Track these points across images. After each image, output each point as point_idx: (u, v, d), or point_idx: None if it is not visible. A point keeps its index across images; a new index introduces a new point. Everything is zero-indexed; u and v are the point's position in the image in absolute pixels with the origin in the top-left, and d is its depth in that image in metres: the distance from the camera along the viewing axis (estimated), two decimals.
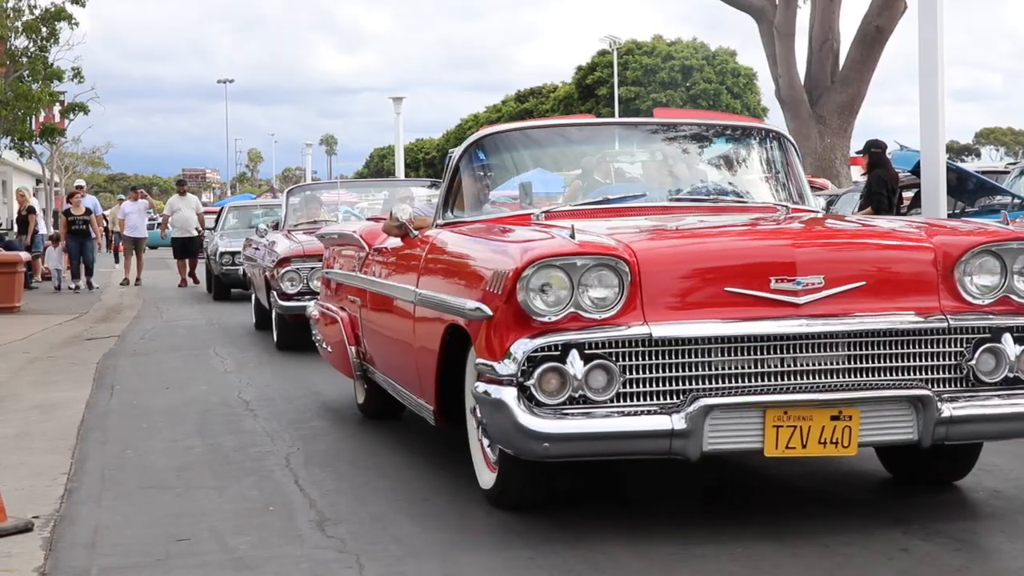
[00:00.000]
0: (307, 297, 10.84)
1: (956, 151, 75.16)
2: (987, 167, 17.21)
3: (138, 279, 23.10)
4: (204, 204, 33.11)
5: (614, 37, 54.61)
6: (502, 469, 4.98)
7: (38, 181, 40.10)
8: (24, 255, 20.18)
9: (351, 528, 5.02)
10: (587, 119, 7.48)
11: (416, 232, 6.17)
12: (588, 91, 58.22)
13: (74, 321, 15.76)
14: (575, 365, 4.46)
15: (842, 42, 20.05)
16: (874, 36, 19.70)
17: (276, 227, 13.34)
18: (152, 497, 5.74)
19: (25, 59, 18.65)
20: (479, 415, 4.93)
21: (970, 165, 21.96)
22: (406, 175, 49.36)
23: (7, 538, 4.96)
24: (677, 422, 4.45)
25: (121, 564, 4.64)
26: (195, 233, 22.63)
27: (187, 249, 22.86)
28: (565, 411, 4.47)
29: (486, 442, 5.15)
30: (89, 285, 21.84)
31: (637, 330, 4.51)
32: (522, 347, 4.49)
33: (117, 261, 28.41)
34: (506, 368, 4.50)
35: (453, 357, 5.26)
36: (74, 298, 19.99)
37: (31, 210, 23.86)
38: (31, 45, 18.82)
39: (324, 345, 7.87)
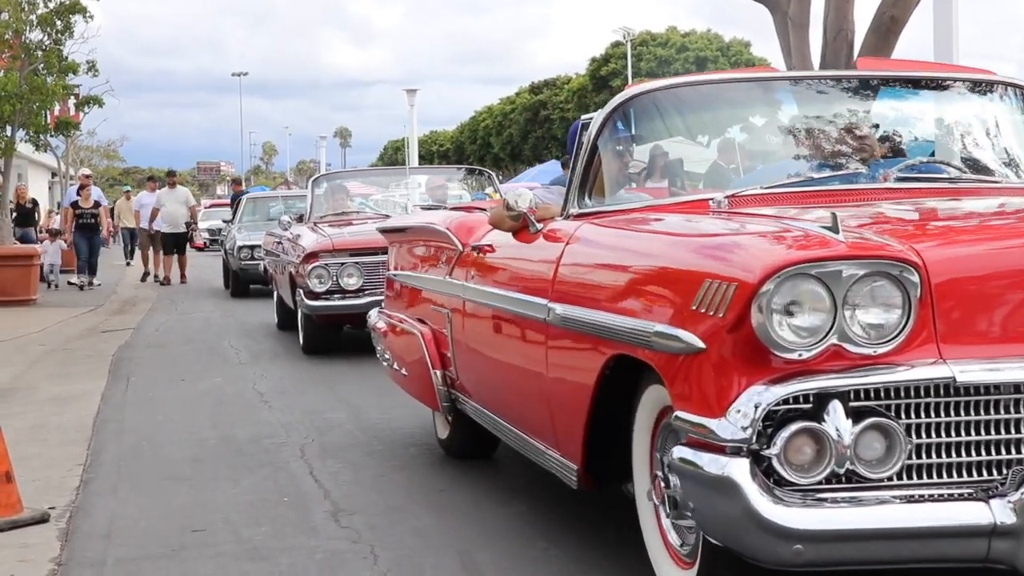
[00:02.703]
0: (336, 296, 10.14)
1: None
2: None
3: (156, 275, 21.76)
4: (218, 197, 33.02)
5: (628, 28, 54.54)
6: (706, 568, 3.50)
7: (53, 174, 40.25)
8: (60, 244, 20.28)
9: (366, 519, 5.02)
10: (774, 72, 6.06)
11: (539, 226, 4.67)
12: (602, 82, 58.14)
13: (90, 314, 15.80)
14: (839, 425, 3.07)
15: (857, 32, 19.96)
16: (888, 26, 19.62)
17: (300, 219, 12.37)
18: (167, 488, 5.75)
19: (40, 52, 18.67)
20: (673, 489, 3.42)
21: None
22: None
23: (24, 529, 4.98)
24: (1000, 512, 3.04)
25: (136, 555, 4.65)
26: (184, 228, 21.20)
27: (176, 245, 21.26)
28: (824, 496, 3.08)
29: (677, 525, 3.67)
30: (90, 284, 20.31)
31: (931, 371, 3.11)
32: (758, 398, 3.08)
33: (130, 257, 27.17)
34: (732, 428, 3.09)
35: (610, 396, 3.88)
36: (89, 291, 19.69)
37: (35, 202, 23.86)
38: (46, 38, 18.84)
39: (394, 365, 6.34)
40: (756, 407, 3.07)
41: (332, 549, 4.61)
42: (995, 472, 3.13)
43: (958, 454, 3.14)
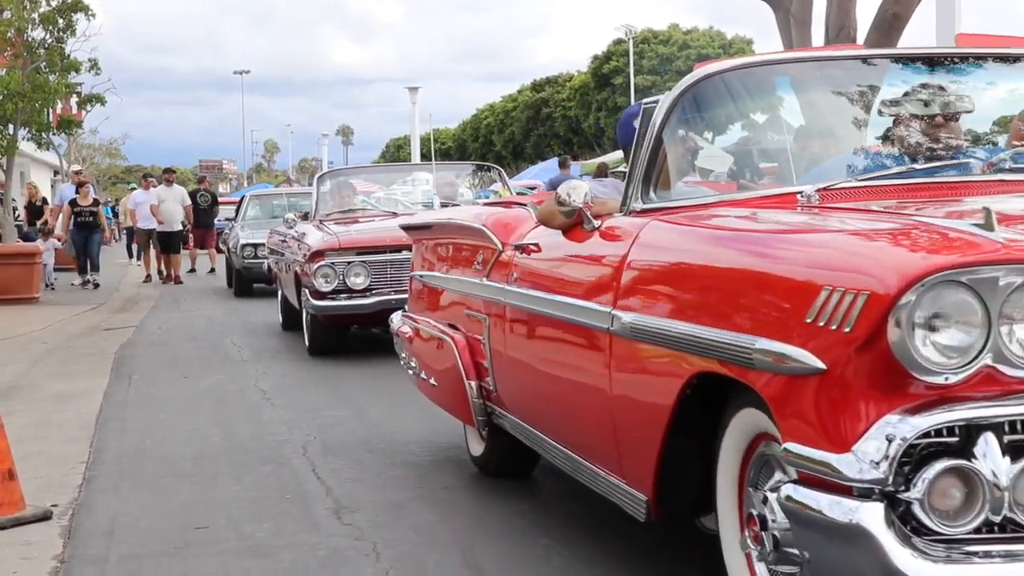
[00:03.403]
0: (343, 296, 9.84)
1: None
2: None
3: (163, 273, 21.30)
4: (220, 195, 32.92)
5: (630, 26, 54.53)
6: None
7: (55, 173, 40.22)
8: (53, 243, 20.22)
9: (368, 516, 5.02)
10: (863, 50, 5.56)
11: (596, 223, 4.11)
12: (604, 80, 58.17)
13: (92, 312, 15.81)
14: (994, 463, 2.58)
15: (859, 29, 19.94)
16: (891, 23, 19.59)
17: (305, 217, 12.06)
18: (169, 486, 5.75)
19: (42, 51, 18.66)
20: (775, 532, 2.93)
21: None
22: None
23: (26, 526, 4.98)
24: None
25: (139, 552, 4.66)
26: (179, 227, 20.93)
27: (169, 244, 20.92)
28: (974, 549, 2.60)
29: (778, 573, 3.06)
30: (95, 284, 19.95)
31: None
32: (894, 429, 2.59)
33: (136, 256, 26.36)
34: (862, 466, 2.61)
35: (689, 418, 3.37)
36: (90, 290, 19.53)
37: (45, 201, 23.85)
38: (48, 36, 18.83)
39: (422, 374, 5.82)
40: (892, 441, 2.57)
41: (334, 546, 4.61)
42: None
43: None
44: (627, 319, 3.57)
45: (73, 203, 20.07)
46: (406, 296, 9.59)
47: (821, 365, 2.72)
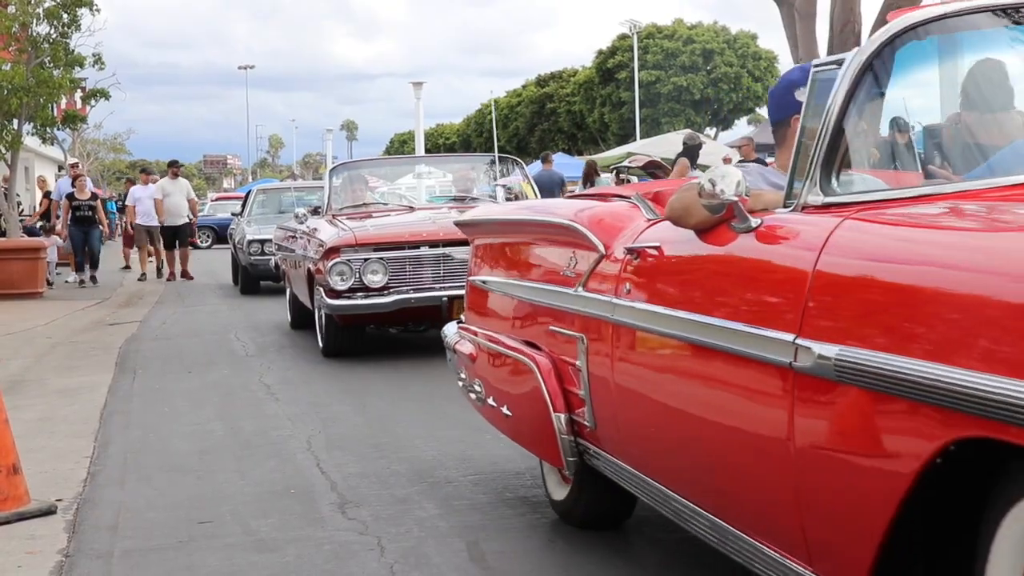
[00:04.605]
0: (359, 294, 9.37)
1: None
2: None
3: (166, 272, 20.64)
4: (225, 190, 32.82)
5: (634, 21, 54.46)
6: None
7: (60, 167, 40.25)
8: (55, 239, 20.15)
9: (373, 511, 5.02)
10: None
11: (755, 221, 3.10)
12: (608, 75, 58.13)
13: (96, 307, 15.82)
14: None
15: (864, 24, 19.90)
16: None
17: (315, 212, 11.58)
18: (174, 480, 5.76)
19: (46, 45, 18.67)
20: None
21: None
22: None
23: (31, 521, 4.99)
24: None
25: (143, 546, 4.66)
26: (186, 220, 20.27)
27: (177, 238, 20.30)
28: None
29: None
30: (93, 279, 19.43)
31: None
32: None
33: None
34: None
35: (928, 495, 2.40)
36: (91, 287, 19.17)
37: (47, 194, 23.79)
38: (52, 31, 18.84)
39: (490, 400, 4.84)
40: None
41: (339, 540, 4.61)
42: None
43: None
44: (825, 353, 2.57)
45: (71, 197, 19.62)
46: (426, 295, 9.42)
47: None
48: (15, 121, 18.50)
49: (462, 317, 5.58)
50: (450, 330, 5.58)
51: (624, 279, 3.77)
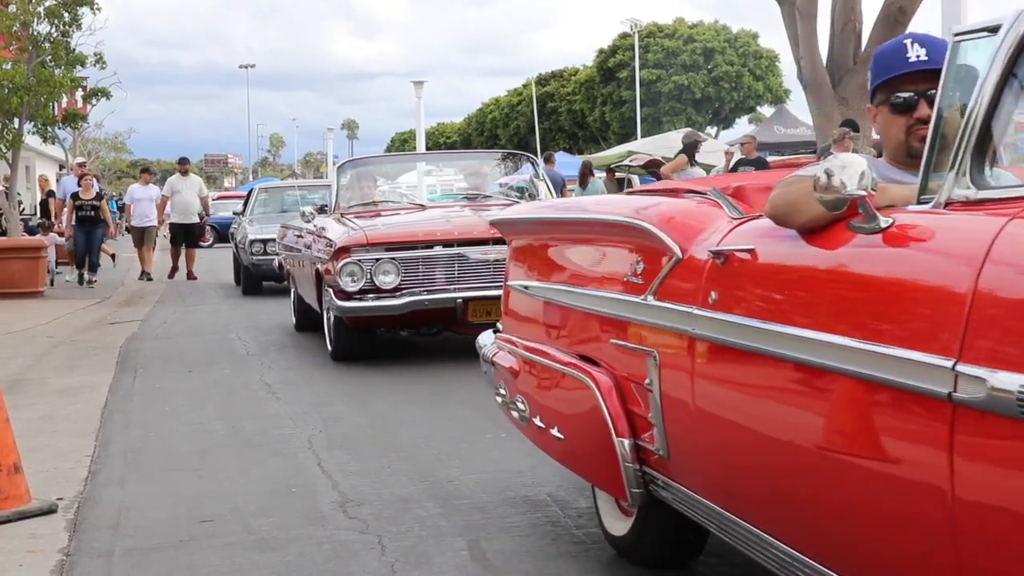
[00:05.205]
0: (371, 296, 9.01)
1: None
2: None
3: (148, 274, 20.08)
4: (226, 189, 32.78)
5: (635, 20, 54.48)
6: None
7: (61, 167, 40.27)
8: (54, 237, 20.09)
9: (374, 510, 5.02)
10: None
11: (884, 221, 2.61)
12: (609, 74, 58.15)
13: (97, 306, 15.81)
14: None
15: (864, 23, 19.90)
16: (897, 17, 19.54)
17: (322, 210, 11.16)
18: (175, 479, 5.76)
19: (47, 44, 18.67)
20: None
21: None
22: None
23: (32, 520, 4.99)
24: None
25: (145, 545, 4.66)
26: (197, 219, 19.87)
27: (187, 237, 19.98)
28: None
29: None
30: (90, 282, 18.91)
31: None
32: None
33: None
34: None
35: None
36: (89, 287, 18.84)
37: (51, 194, 23.76)
38: (53, 30, 18.83)
39: (537, 420, 4.30)
40: None
41: (340, 539, 4.61)
42: None
43: None
44: (1005, 384, 2.08)
45: (75, 196, 19.42)
46: (439, 296, 9.05)
47: None
48: (16, 120, 18.49)
49: (498, 325, 5.13)
50: (486, 340, 5.11)
51: (709, 287, 3.21)
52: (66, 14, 18.78)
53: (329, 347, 9.75)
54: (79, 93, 21.59)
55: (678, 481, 3.50)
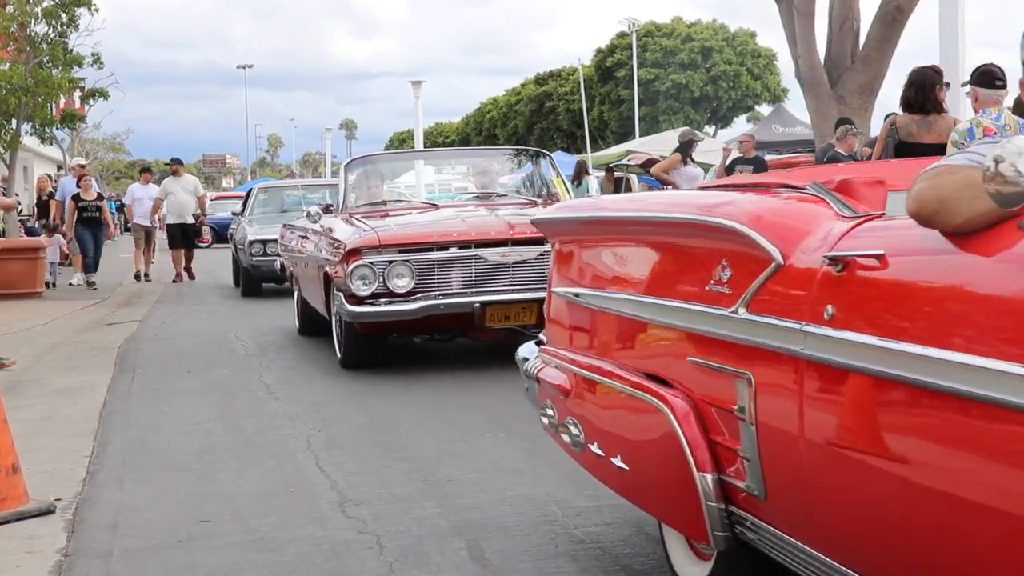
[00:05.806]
0: (383, 300, 8.49)
1: None
2: None
3: (147, 274, 19.99)
4: (224, 189, 32.77)
5: (633, 19, 54.47)
6: None
7: (59, 167, 40.25)
8: (57, 239, 20.02)
9: (372, 509, 5.02)
10: None
11: None
12: (607, 73, 58.16)
13: (96, 306, 15.81)
14: None
15: (862, 21, 19.91)
16: (894, 15, 19.55)
17: (327, 210, 10.75)
18: (174, 479, 5.75)
19: (45, 45, 18.69)
20: None
21: None
22: None
23: (30, 520, 4.98)
24: None
25: (143, 545, 4.65)
26: (192, 220, 19.52)
27: (183, 238, 19.70)
28: None
29: None
30: (89, 283, 18.70)
31: None
32: None
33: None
34: None
35: None
36: (92, 289, 18.61)
37: (51, 195, 23.71)
38: (51, 31, 18.85)
39: (595, 447, 3.78)
40: None
41: (339, 539, 4.61)
42: None
43: None
44: None
45: (76, 198, 19.12)
46: (456, 300, 8.52)
47: None
48: (14, 121, 18.51)
49: (542, 337, 4.54)
50: (527, 352, 4.59)
51: (823, 299, 2.64)
52: (63, 15, 18.80)
53: (338, 354, 9.25)
54: (77, 94, 21.61)
55: (775, 526, 2.95)
